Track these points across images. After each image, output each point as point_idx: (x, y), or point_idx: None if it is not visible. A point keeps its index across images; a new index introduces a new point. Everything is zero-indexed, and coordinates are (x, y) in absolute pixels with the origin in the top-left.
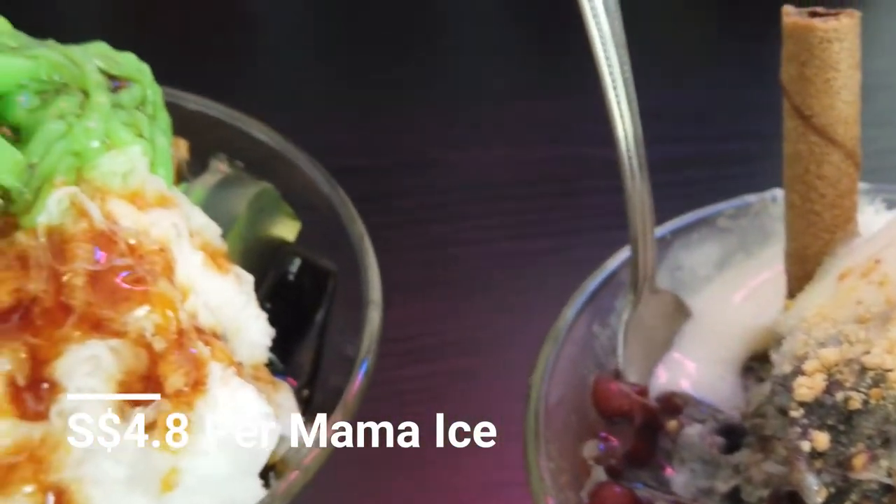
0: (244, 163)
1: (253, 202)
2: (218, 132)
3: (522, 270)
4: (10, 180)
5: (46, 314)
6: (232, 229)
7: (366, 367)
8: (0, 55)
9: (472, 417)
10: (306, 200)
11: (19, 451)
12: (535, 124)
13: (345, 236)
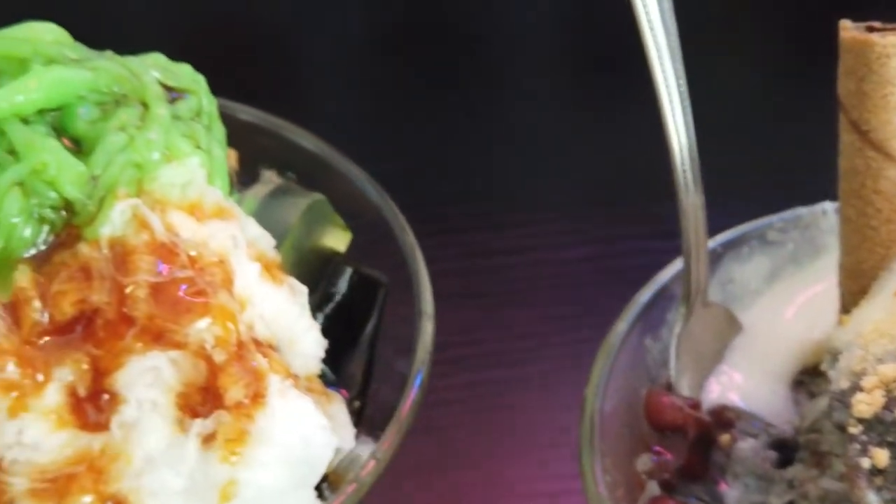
0: (294, 173)
1: (306, 213)
2: (268, 142)
3: (559, 280)
4: (74, 192)
5: (109, 326)
6: (285, 240)
7: (420, 379)
8: (61, 67)
9: (511, 427)
10: (356, 211)
11: (79, 461)
12: (575, 134)
13: (396, 247)
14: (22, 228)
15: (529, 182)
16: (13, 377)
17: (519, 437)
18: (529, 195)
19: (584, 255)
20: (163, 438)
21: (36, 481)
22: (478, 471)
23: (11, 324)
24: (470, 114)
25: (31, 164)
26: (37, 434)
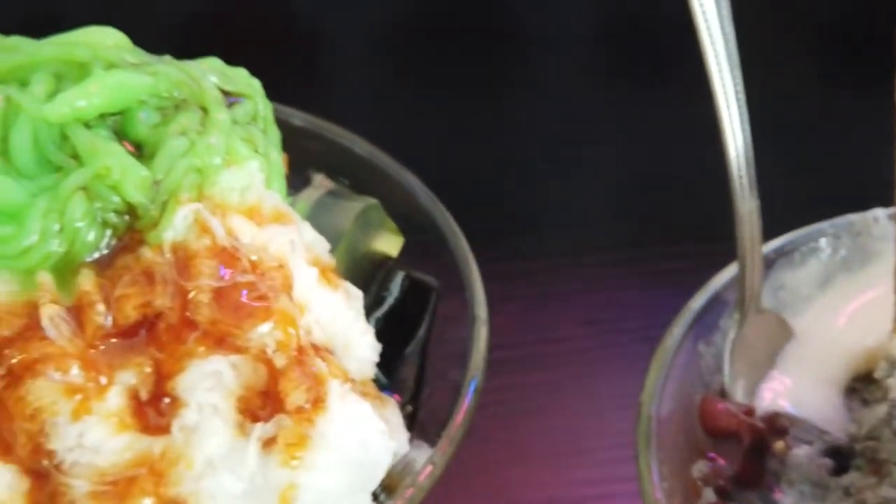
0: (344, 177)
1: (359, 217)
2: (317, 146)
3: (594, 284)
4: (138, 196)
5: (171, 330)
6: (339, 244)
7: (475, 385)
8: (121, 71)
9: (547, 431)
10: (407, 216)
11: (139, 464)
12: (609, 138)
13: (447, 252)
14: (86, 233)
15: (564, 185)
16: (77, 380)
17: (554, 441)
18: (564, 199)
19: (620, 259)
20: (223, 442)
21: (96, 484)
22: (515, 473)
23: (75, 327)
24: (502, 118)
25: (94, 168)
26: (98, 437)
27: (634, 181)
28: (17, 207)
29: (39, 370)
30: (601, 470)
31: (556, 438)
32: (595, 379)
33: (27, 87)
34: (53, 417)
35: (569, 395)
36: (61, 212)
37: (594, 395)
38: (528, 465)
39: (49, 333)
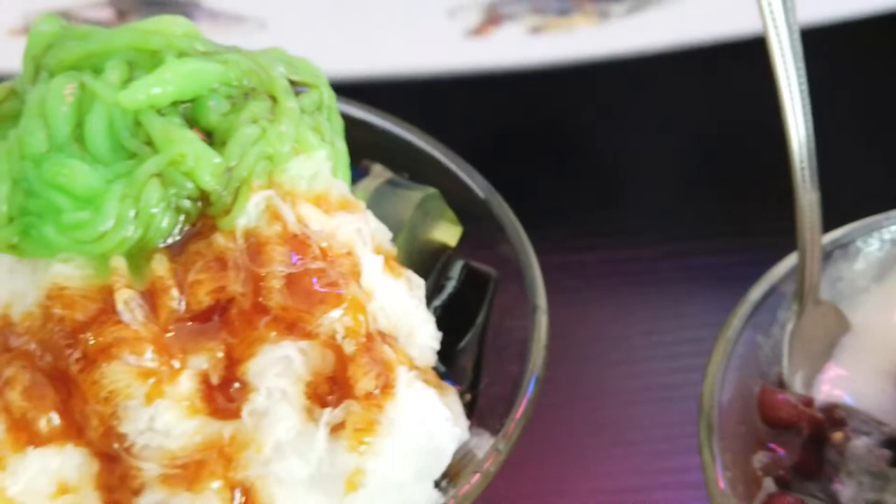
0: (400, 166)
1: (419, 206)
2: (374, 137)
3: (639, 277)
4: (211, 183)
5: (243, 315)
6: (400, 233)
7: (536, 374)
8: (194, 60)
9: (601, 420)
10: (465, 205)
11: (208, 448)
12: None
13: (505, 242)
14: (160, 219)
15: (618, 176)
16: (150, 364)
17: (603, 431)
18: (619, 191)
19: (666, 252)
20: (292, 427)
21: (166, 467)
22: (564, 461)
23: (149, 312)
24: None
25: (169, 155)
26: (169, 420)
27: (690, 175)
28: (94, 193)
29: (114, 354)
30: (648, 461)
31: (605, 429)
32: (639, 369)
33: (101, 75)
34: (127, 401)
35: (613, 387)
36: (136, 197)
37: (638, 386)
38: (577, 454)
39: (124, 317)
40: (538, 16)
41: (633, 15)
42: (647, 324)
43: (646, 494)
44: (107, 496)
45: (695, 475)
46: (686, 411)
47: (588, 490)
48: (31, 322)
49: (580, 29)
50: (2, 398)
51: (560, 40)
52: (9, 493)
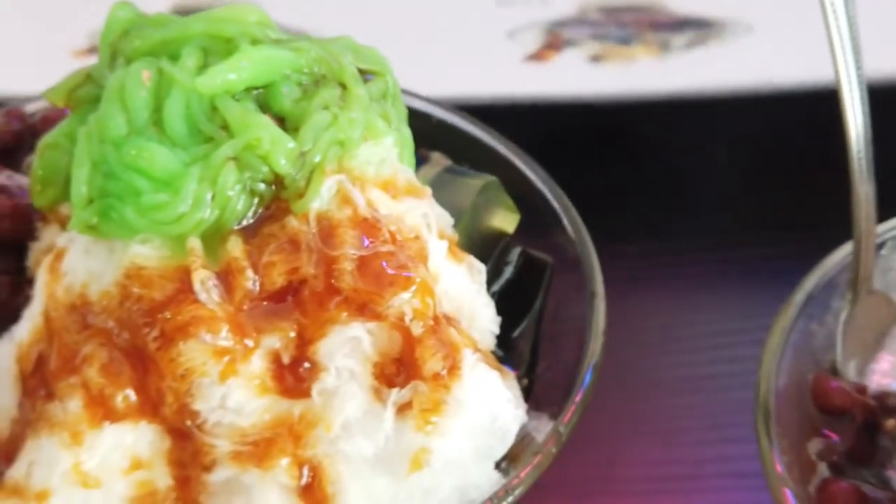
0: (458, 154)
1: (479, 194)
2: (432, 125)
3: (682, 269)
4: (286, 167)
5: (315, 296)
6: (461, 220)
7: (596, 360)
8: (267, 47)
9: (652, 407)
10: (522, 193)
11: (278, 426)
12: None
13: (561, 229)
14: (236, 201)
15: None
16: (226, 343)
17: (655, 418)
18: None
19: (709, 244)
20: (360, 406)
21: (237, 444)
22: (607, 451)
23: (223, 292)
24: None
25: (245, 139)
26: (241, 398)
27: (734, 168)
28: (172, 175)
29: (191, 332)
30: (694, 450)
31: (651, 417)
32: (689, 359)
33: (178, 61)
34: (201, 378)
35: (663, 376)
36: (213, 180)
37: (688, 377)
38: (623, 442)
39: (200, 297)
40: (598, 43)
41: (692, 49)
42: (691, 315)
43: (692, 482)
44: (177, 472)
45: (741, 464)
46: (730, 401)
47: (635, 477)
48: (109, 301)
49: (641, 61)
50: (80, 374)
51: (620, 71)
52: (84, 468)
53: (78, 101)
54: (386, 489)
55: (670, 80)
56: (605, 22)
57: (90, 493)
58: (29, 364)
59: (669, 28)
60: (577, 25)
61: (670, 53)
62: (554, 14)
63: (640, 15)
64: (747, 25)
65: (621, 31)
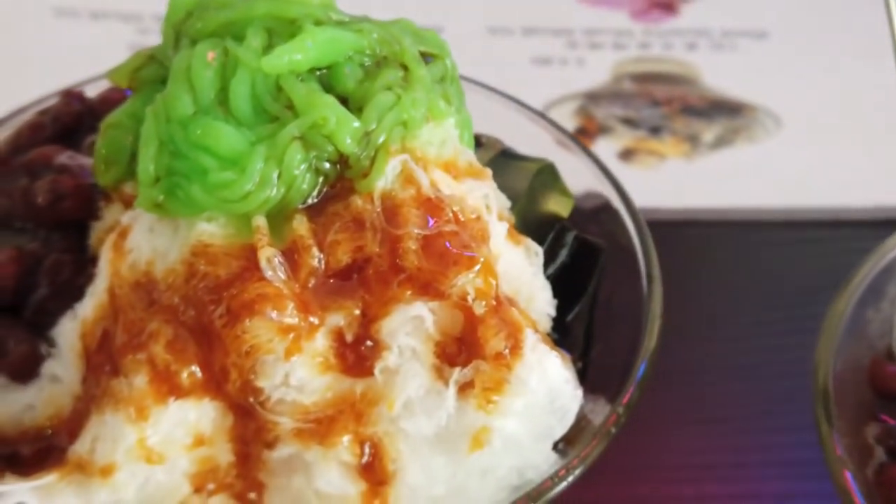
0: (510, 138)
1: (535, 177)
2: (486, 108)
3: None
4: (352, 146)
5: (380, 275)
6: (516, 203)
7: (654, 343)
8: (331, 28)
9: (689, 396)
10: (576, 178)
11: (339, 403)
12: None
13: (615, 214)
14: (301, 180)
15: None
16: (291, 320)
17: (686, 408)
18: None
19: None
20: (422, 385)
21: (299, 421)
22: (651, 438)
23: (288, 270)
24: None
25: (311, 118)
26: (304, 376)
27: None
28: (239, 154)
29: (257, 309)
30: (738, 438)
31: (695, 405)
32: (734, 348)
33: (243, 42)
34: (266, 355)
35: (708, 364)
36: (279, 159)
37: (732, 365)
38: (667, 429)
39: (266, 274)
40: (630, 131)
41: (720, 149)
42: (734, 302)
43: (736, 470)
44: (239, 448)
45: (785, 453)
46: (775, 389)
47: (677, 464)
48: (174, 278)
49: (669, 161)
50: (146, 351)
51: (649, 176)
52: (149, 443)
53: (141, 81)
54: (444, 468)
55: (696, 192)
56: (637, 95)
57: (154, 468)
58: (93, 341)
59: (700, 115)
60: (610, 101)
61: (698, 152)
62: (589, 79)
63: (672, 89)
64: (776, 118)
65: (653, 112)
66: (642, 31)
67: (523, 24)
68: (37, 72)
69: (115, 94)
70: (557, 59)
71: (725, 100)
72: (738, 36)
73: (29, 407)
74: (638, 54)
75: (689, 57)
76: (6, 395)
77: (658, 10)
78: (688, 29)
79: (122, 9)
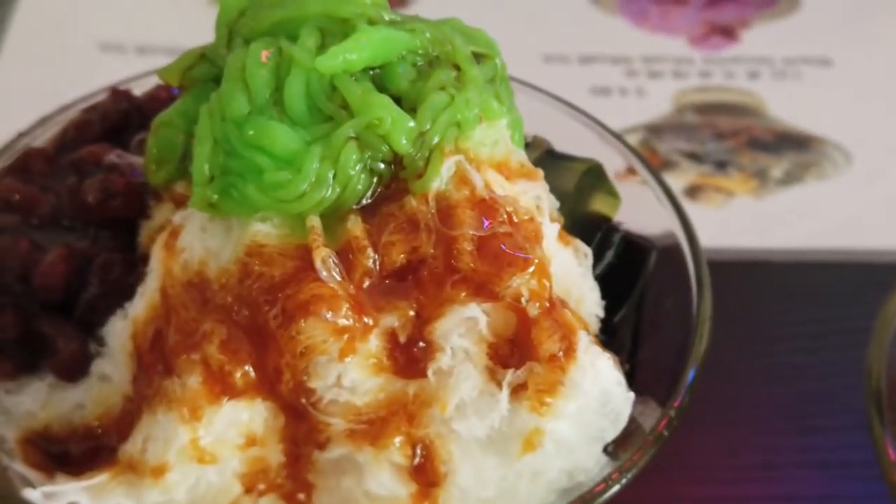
0: (557, 138)
1: (583, 177)
2: (534, 108)
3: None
4: (407, 146)
5: (435, 276)
6: (564, 202)
7: (704, 346)
8: (385, 27)
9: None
10: (623, 178)
11: (391, 405)
12: None
13: (664, 215)
14: (357, 180)
15: None
16: (346, 321)
17: (723, 408)
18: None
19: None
20: (475, 387)
21: (352, 423)
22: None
23: (343, 270)
24: None
25: (367, 118)
26: (357, 377)
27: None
28: (294, 154)
29: (313, 310)
30: (775, 439)
31: (731, 405)
32: (771, 349)
33: (297, 41)
34: (321, 356)
35: (745, 366)
36: (335, 159)
37: (768, 366)
38: (703, 430)
39: (321, 275)
40: (696, 166)
41: (790, 186)
42: (775, 304)
43: (773, 472)
44: (289, 449)
45: (822, 454)
46: (811, 391)
47: (716, 465)
48: (228, 278)
49: (738, 199)
50: (200, 351)
51: (716, 215)
52: (202, 443)
53: (192, 79)
54: (495, 469)
55: (765, 231)
56: (701, 128)
57: (205, 468)
58: (145, 340)
59: (767, 148)
60: (673, 133)
61: (767, 189)
62: (650, 110)
63: (737, 121)
64: (845, 152)
65: (718, 146)
66: (702, 58)
67: (580, 52)
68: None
69: (163, 91)
70: (617, 89)
71: (792, 132)
72: (801, 63)
73: (78, 406)
74: (699, 83)
75: (751, 86)
76: (55, 394)
77: (717, 35)
78: (749, 56)
79: (167, 44)
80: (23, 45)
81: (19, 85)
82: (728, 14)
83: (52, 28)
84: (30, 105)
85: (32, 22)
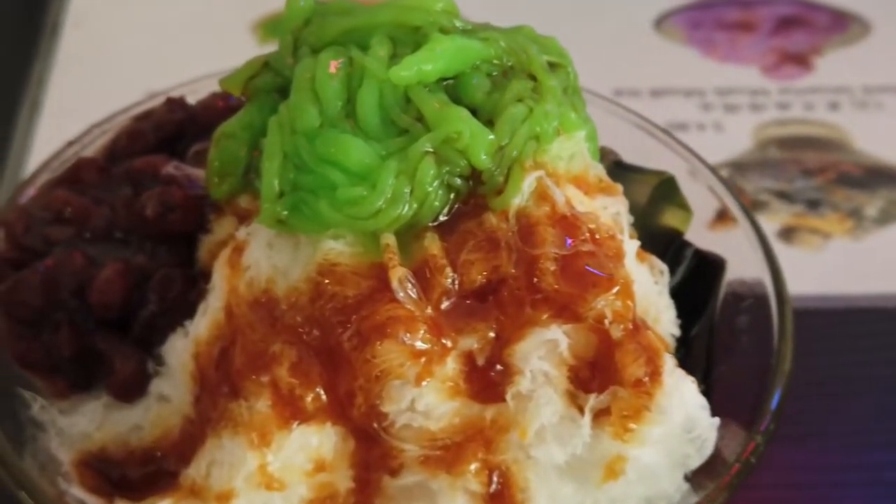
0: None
1: (655, 190)
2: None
3: None
4: (486, 161)
5: (515, 297)
6: (636, 217)
7: (788, 366)
8: (459, 37)
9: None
10: (695, 192)
11: (467, 430)
12: None
13: (737, 229)
14: (434, 196)
15: None
16: (423, 344)
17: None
18: None
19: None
20: (556, 412)
21: (426, 448)
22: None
23: (420, 291)
24: None
25: (445, 132)
26: (431, 401)
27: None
28: (369, 169)
29: (389, 333)
30: (839, 455)
31: (795, 420)
32: (829, 362)
33: (367, 50)
34: (397, 380)
35: (806, 377)
36: (412, 174)
37: (825, 378)
38: (772, 444)
39: (398, 296)
40: (787, 205)
41: (887, 224)
42: (839, 315)
43: (837, 490)
44: (359, 475)
45: (889, 473)
46: (874, 405)
47: (778, 483)
48: (298, 297)
49: (835, 241)
50: (269, 373)
51: (814, 258)
52: (270, 469)
53: (255, 89)
54: (572, 497)
55: (865, 276)
56: (786, 164)
57: (272, 495)
58: (209, 360)
59: (858, 185)
60: (759, 171)
61: (863, 228)
62: (731, 146)
63: (823, 156)
64: None
65: (807, 184)
66: (778, 89)
67: (651, 85)
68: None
69: (219, 100)
70: (694, 124)
71: (883, 166)
72: (881, 92)
73: (136, 427)
74: (778, 115)
75: (832, 118)
76: (112, 415)
77: (790, 64)
78: (826, 86)
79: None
80: (64, 99)
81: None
82: (798, 40)
83: (94, 79)
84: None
85: (73, 74)
